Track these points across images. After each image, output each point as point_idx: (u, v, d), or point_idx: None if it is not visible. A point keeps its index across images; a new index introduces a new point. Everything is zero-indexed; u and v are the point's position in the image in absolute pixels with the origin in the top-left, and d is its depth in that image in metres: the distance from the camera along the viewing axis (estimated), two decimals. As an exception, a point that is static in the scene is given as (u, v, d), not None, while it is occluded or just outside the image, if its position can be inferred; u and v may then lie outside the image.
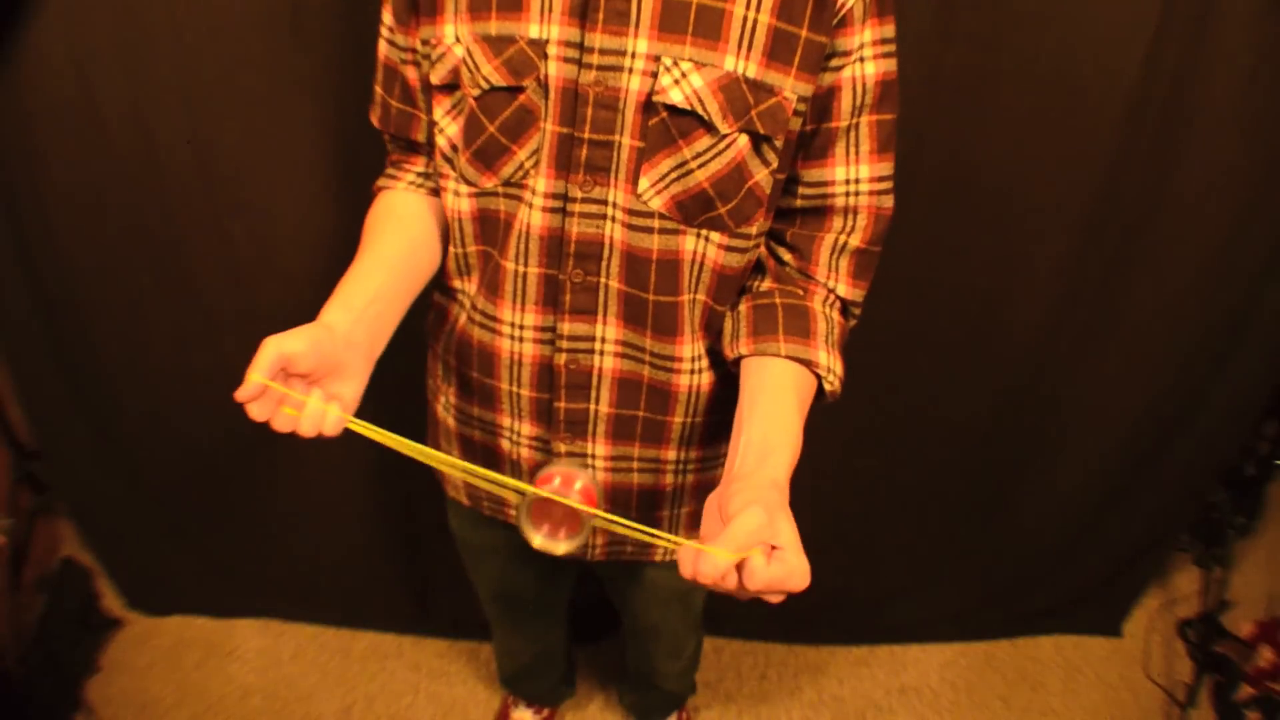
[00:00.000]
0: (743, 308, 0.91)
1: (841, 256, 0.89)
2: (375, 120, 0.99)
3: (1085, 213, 1.48)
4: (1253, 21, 1.30)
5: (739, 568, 0.62)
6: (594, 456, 0.97)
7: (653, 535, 0.68)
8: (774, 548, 0.62)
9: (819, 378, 0.85)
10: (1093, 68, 1.34)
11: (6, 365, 1.65)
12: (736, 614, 1.89)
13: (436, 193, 0.95)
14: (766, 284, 0.92)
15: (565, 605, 1.51)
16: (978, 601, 1.97)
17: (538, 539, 0.75)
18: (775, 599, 0.63)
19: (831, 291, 0.90)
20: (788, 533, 0.63)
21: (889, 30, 0.81)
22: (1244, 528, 2.01)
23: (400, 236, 0.94)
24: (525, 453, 1.00)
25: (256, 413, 0.71)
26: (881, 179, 0.87)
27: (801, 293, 0.90)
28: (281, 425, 0.72)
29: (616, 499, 1.01)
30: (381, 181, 1.00)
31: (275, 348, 0.70)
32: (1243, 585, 2.01)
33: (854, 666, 1.94)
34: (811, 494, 1.35)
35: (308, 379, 0.75)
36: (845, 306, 0.92)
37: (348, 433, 0.74)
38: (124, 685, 1.79)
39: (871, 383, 1.39)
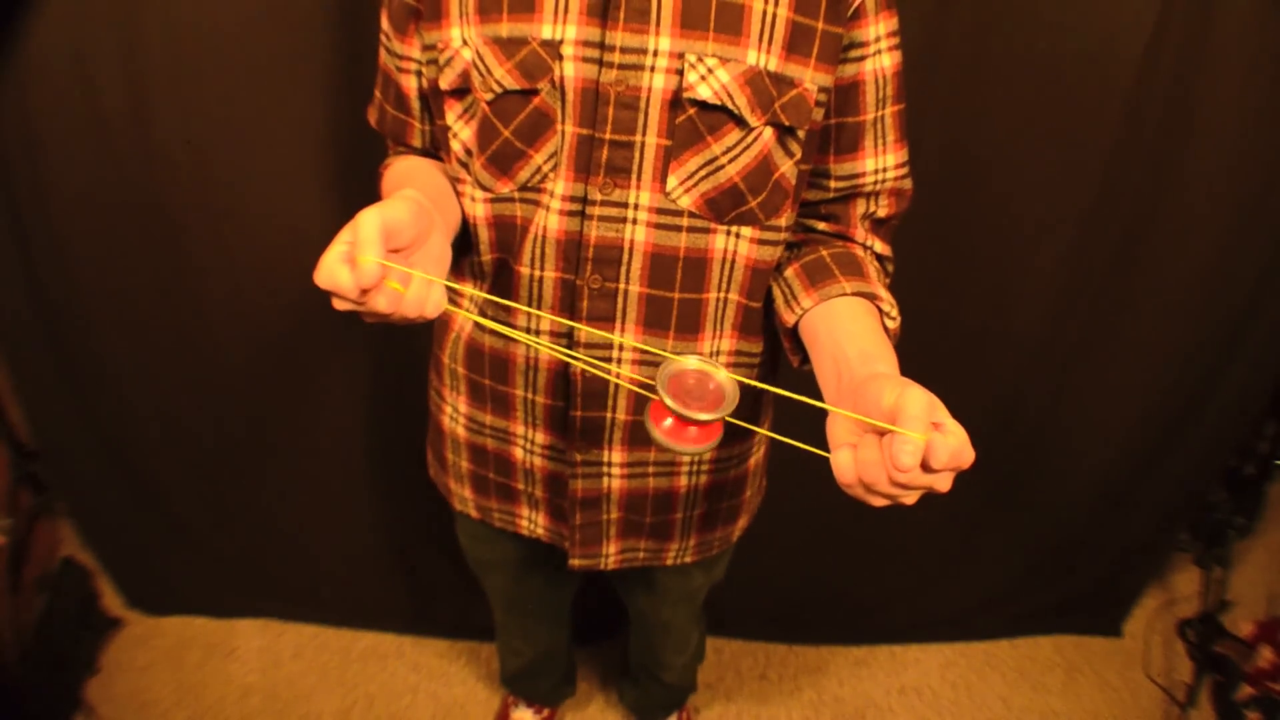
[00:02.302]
0: (789, 272, 0.91)
1: (869, 220, 0.93)
2: (372, 121, 1.00)
3: (1085, 213, 1.48)
4: (1252, 20, 1.31)
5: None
6: (610, 464, 0.97)
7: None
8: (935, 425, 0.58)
9: (881, 314, 0.85)
10: (1091, 67, 1.34)
11: (6, 365, 1.64)
12: (736, 614, 1.90)
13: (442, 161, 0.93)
14: (805, 248, 0.92)
15: (570, 606, 1.51)
16: (978, 601, 1.98)
17: (664, 441, 0.69)
18: (945, 485, 0.59)
19: (869, 249, 0.93)
20: (943, 407, 0.60)
21: (896, 22, 0.85)
22: (1244, 528, 2.01)
23: (429, 175, 0.91)
24: (539, 461, 0.99)
25: (354, 291, 0.59)
26: (904, 164, 0.92)
27: (842, 245, 0.92)
28: (384, 305, 0.62)
29: (632, 505, 1.01)
30: (388, 160, 0.99)
31: (379, 218, 0.61)
32: (1243, 585, 2.01)
33: (854, 666, 1.94)
34: (812, 496, 1.35)
35: (402, 253, 0.66)
36: (880, 260, 0.95)
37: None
38: (124, 685, 1.78)
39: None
